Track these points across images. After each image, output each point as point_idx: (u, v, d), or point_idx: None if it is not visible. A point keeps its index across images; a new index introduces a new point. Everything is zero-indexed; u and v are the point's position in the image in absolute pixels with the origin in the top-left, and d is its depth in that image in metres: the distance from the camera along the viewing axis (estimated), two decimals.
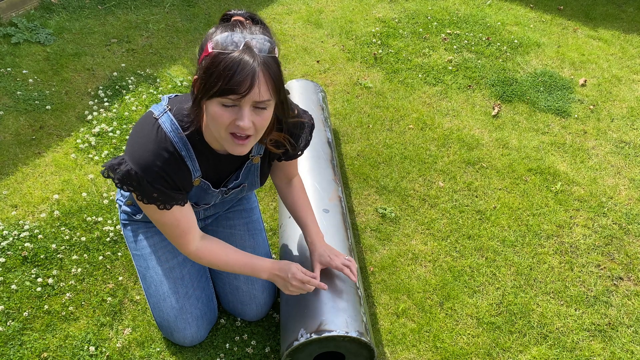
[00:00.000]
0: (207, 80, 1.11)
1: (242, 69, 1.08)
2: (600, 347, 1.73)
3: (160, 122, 1.26)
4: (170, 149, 1.25)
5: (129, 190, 1.27)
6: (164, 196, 1.28)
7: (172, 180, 1.28)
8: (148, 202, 1.28)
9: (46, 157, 2.24)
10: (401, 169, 2.33)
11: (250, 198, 1.79)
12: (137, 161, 1.23)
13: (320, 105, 2.24)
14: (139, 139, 1.26)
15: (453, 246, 2.02)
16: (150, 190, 1.26)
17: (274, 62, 1.13)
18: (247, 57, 1.09)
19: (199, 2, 3.42)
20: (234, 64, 1.08)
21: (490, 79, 2.93)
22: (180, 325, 1.56)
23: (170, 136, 1.25)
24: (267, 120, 1.19)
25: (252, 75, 1.08)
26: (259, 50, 1.11)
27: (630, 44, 3.33)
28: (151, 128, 1.26)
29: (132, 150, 1.25)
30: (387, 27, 3.34)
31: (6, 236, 1.88)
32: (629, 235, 2.11)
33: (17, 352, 1.58)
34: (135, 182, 1.24)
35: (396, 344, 1.69)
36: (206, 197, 1.46)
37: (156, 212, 1.32)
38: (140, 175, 1.23)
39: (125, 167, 1.24)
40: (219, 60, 1.09)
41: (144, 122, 1.28)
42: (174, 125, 1.26)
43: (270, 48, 1.13)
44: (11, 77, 2.63)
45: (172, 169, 1.27)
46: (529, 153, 2.47)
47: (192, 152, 1.29)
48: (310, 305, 1.48)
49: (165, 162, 1.25)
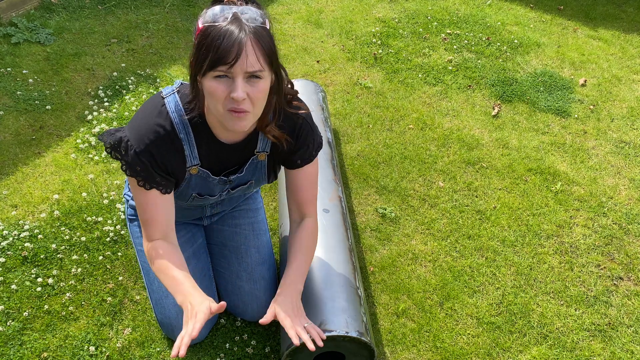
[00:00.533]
0: (198, 55, 1.11)
1: (228, 37, 1.08)
2: (600, 347, 1.73)
3: (166, 102, 1.27)
4: (168, 127, 1.25)
5: (116, 157, 1.27)
6: (147, 173, 1.27)
7: (161, 160, 1.27)
8: (131, 174, 1.27)
9: (46, 157, 2.24)
10: (401, 169, 2.33)
11: (256, 198, 1.79)
12: (132, 131, 1.25)
13: (320, 105, 2.24)
14: (142, 113, 1.28)
15: (453, 246, 2.02)
16: (136, 162, 1.25)
17: (264, 32, 1.13)
18: (234, 26, 1.09)
19: (199, 2, 3.42)
20: (221, 34, 1.08)
21: (490, 79, 2.93)
22: (181, 323, 1.55)
23: (172, 116, 1.26)
24: (263, 92, 1.16)
25: (239, 43, 1.08)
26: (247, 21, 1.11)
27: (630, 44, 3.33)
28: (155, 105, 1.27)
29: (132, 121, 1.28)
30: (387, 27, 3.34)
31: (6, 236, 1.88)
32: (629, 235, 2.11)
33: (17, 352, 1.58)
34: (124, 150, 1.24)
35: (396, 344, 1.69)
36: (208, 187, 1.43)
37: (136, 188, 1.30)
38: (131, 144, 1.23)
39: (120, 134, 1.25)
40: (207, 33, 1.09)
41: (151, 100, 1.30)
42: (178, 106, 1.26)
43: (262, 21, 1.13)
44: (11, 77, 2.63)
45: (165, 147, 1.26)
46: (529, 153, 2.47)
47: (192, 137, 1.29)
48: (310, 305, 1.48)
49: (159, 139, 1.25)
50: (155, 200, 1.32)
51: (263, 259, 1.69)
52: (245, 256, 1.67)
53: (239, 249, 1.68)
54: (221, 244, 1.71)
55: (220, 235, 1.71)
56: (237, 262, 1.67)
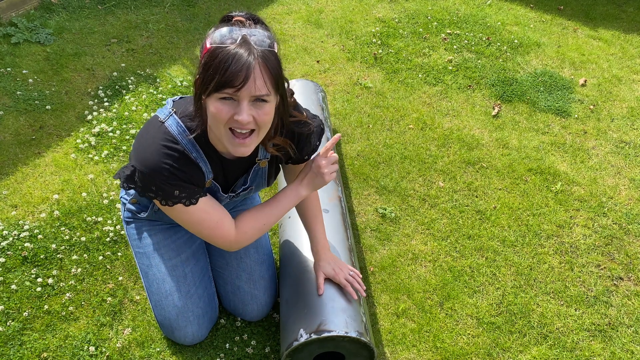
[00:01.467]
0: (205, 75, 1.11)
1: (237, 61, 1.07)
2: (601, 347, 1.73)
3: (167, 125, 1.25)
4: (180, 149, 1.24)
5: (151, 197, 1.26)
6: (186, 191, 1.26)
7: (188, 176, 1.26)
8: (173, 203, 1.26)
9: (46, 157, 2.24)
10: (401, 169, 2.33)
11: (254, 198, 1.79)
12: (146, 164, 1.22)
13: (320, 105, 2.24)
14: (146, 141, 1.25)
15: (453, 246, 2.02)
16: (171, 190, 1.24)
17: (272, 56, 1.12)
18: (242, 50, 1.08)
19: (199, 2, 3.42)
20: (230, 57, 1.08)
21: (490, 79, 2.93)
22: (181, 324, 1.56)
23: (178, 138, 1.24)
24: (268, 115, 1.17)
25: (247, 67, 1.08)
26: (256, 44, 1.10)
27: (630, 44, 3.33)
28: (157, 131, 1.25)
29: (141, 154, 1.24)
30: (387, 27, 3.34)
31: (6, 236, 1.88)
32: (629, 235, 2.11)
33: (17, 352, 1.58)
34: (154, 186, 1.23)
35: (396, 344, 1.69)
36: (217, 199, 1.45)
37: (185, 213, 1.30)
38: (155, 176, 1.22)
39: (140, 175, 1.23)
40: (215, 54, 1.09)
41: (150, 126, 1.27)
42: (181, 127, 1.25)
43: (270, 43, 1.12)
44: (11, 77, 2.63)
45: (184, 165, 1.25)
46: (529, 153, 2.47)
47: (202, 154, 1.28)
48: (310, 305, 1.48)
49: (175, 160, 1.23)
50: (208, 204, 1.32)
51: (262, 259, 1.69)
52: (245, 256, 1.67)
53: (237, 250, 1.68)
54: None
55: None
56: (236, 262, 1.67)
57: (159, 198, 1.26)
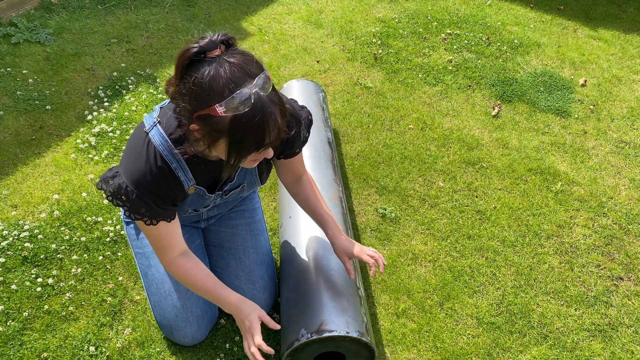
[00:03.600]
0: (236, 143, 1.11)
1: (269, 125, 1.09)
2: (601, 347, 1.73)
3: (150, 136, 1.25)
4: (159, 163, 1.25)
5: (118, 205, 1.27)
6: (151, 212, 1.28)
7: (164, 195, 1.28)
8: (135, 217, 1.28)
9: (46, 157, 2.24)
10: (401, 169, 2.33)
11: (253, 199, 1.79)
12: (128, 175, 1.24)
13: (320, 105, 2.24)
14: (131, 153, 1.27)
15: (453, 246, 2.02)
16: (139, 206, 1.25)
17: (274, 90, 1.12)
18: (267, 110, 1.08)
19: (199, 2, 3.42)
20: (261, 126, 1.08)
21: (490, 79, 2.93)
22: (180, 324, 1.56)
23: (159, 150, 1.24)
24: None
25: (275, 121, 1.10)
26: (266, 92, 1.09)
27: (630, 44, 3.33)
28: (142, 142, 1.26)
29: (125, 163, 1.26)
30: (387, 27, 3.34)
31: (6, 236, 1.88)
32: (629, 235, 2.11)
33: (17, 352, 1.58)
34: (125, 196, 1.24)
35: (396, 344, 1.69)
36: (204, 202, 1.46)
37: (143, 225, 1.32)
38: (131, 189, 1.23)
39: (118, 180, 1.24)
40: (240, 124, 1.08)
41: (136, 136, 1.28)
42: (163, 138, 1.25)
43: (266, 77, 1.11)
44: (11, 77, 2.63)
45: (163, 182, 1.26)
46: (529, 153, 2.47)
47: (183, 162, 1.28)
48: (311, 305, 1.48)
49: (155, 177, 1.24)
50: (166, 229, 1.34)
51: (261, 259, 1.69)
52: (244, 257, 1.67)
53: (236, 250, 1.68)
54: (219, 245, 1.71)
55: (217, 237, 1.72)
56: (235, 263, 1.67)
57: (125, 207, 1.27)
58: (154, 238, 1.35)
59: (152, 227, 1.32)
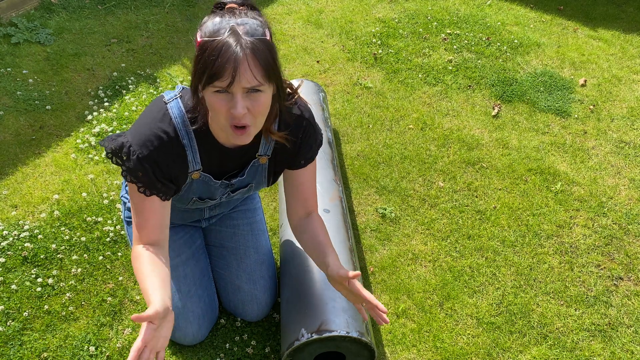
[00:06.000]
0: (196, 69, 1.10)
1: (223, 54, 1.06)
2: (601, 347, 1.73)
3: (169, 107, 1.25)
4: (172, 133, 1.24)
5: (118, 163, 1.25)
6: (148, 179, 1.25)
7: (164, 166, 1.25)
8: (131, 179, 1.25)
9: (46, 157, 2.24)
10: (401, 169, 2.33)
11: (254, 198, 1.79)
12: (135, 136, 1.23)
13: (320, 105, 2.24)
14: (144, 118, 1.26)
15: (453, 246, 2.02)
16: (138, 168, 1.23)
17: (262, 45, 1.10)
18: (230, 41, 1.06)
19: (199, 2, 3.42)
20: (217, 50, 1.06)
21: (490, 79, 2.93)
22: (181, 324, 1.56)
23: (175, 122, 1.24)
24: (264, 105, 1.15)
25: (234, 60, 1.06)
26: (246, 34, 1.08)
27: (630, 44, 3.33)
28: (158, 110, 1.25)
29: (135, 126, 1.25)
30: (387, 27, 3.34)
31: (6, 236, 1.88)
32: (629, 235, 2.11)
33: (17, 352, 1.58)
34: (126, 155, 1.22)
35: (396, 344, 1.69)
36: (209, 191, 1.42)
37: (135, 193, 1.28)
38: (134, 149, 1.21)
39: (122, 139, 1.23)
40: (205, 47, 1.08)
41: (154, 105, 1.28)
42: (181, 112, 1.25)
43: (260, 32, 1.10)
44: (11, 77, 2.63)
45: (167, 153, 1.25)
46: (529, 153, 2.47)
47: (195, 143, 1.27)
48: (311, 305, 1.48)
49: (162, 144, 1.23)
50: (153, 206, 1.29)
51: (262, 259, 1.69)
52: (244, 257, 1.67)
53: (237, 250, 1.68)
54: (220, 245, 1.71)
55: (218, 237, 1.71)
56: (236, 263, 1.67)
57: (123, 166, 1.25)
58: (139, 211, 1.29)
59: (143, 197, 1.26)
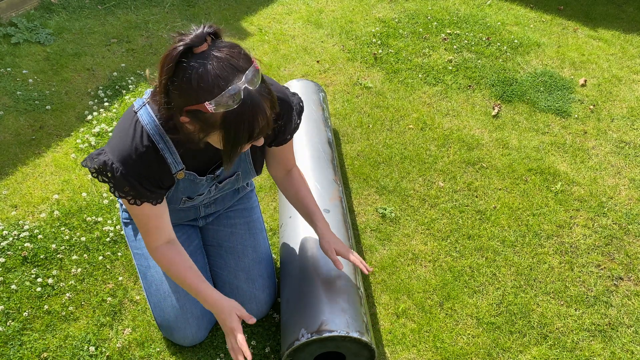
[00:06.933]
0: (229, 137, 1.11)
1: (259, 118, 1.09)
2: (601, 347, 1.73)
3: (139, 115, 1.25)
4: (146, 142, 1.24)
5: (103, 181, 1.26)
6: (135, 191, 1.27)
7: (149, 175, 1.26)
8: (119, 195, 1.28)
9: (46, 157, 2.24)
10: (401, 169, 2.33)
11: (250, 197, 1.79)
12: (114, 153, 1.23)
13: (320, 105, 2.24)
14: (119, 131, 1.26)
15: (453, 246, 2.02)
16: (123, 183, 1.24)
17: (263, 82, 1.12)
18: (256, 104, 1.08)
19: (199, 2, 3.42)
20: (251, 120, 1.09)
21: (490, 79, 2.93)
22: (180, 325, 1.56)
23: (147, 129, 1.24)
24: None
25: (264, 114, 1.10)
26: (254, 86, 1.08)
27: (630, 44, 3.33)
28: (130, 121, 1.25)
29: (112, 142, 1.26)
30: (387, 27, 3.34)
31: (6, 236, 1.88)
32: (629, 235, 2.11)
33: (17, 352, 1.58)
34: (110, 172, 1.23)
35: (396, 344, 1.69)
36: (196, 188, 1.43)
37: (128, 205, 1.31)
38: (116, 166, 1.23)
39: (103, 157, 1.24)
40: (231, 119, 1.08)
41: (125, 116, 1.28)
42: (151, 117, 1.24)
43: (255, 71, 1.09)
44: (11, 77, 2.63)
45: (149, 163, 1.26)
46: (529, 153, 2.47)
47: (171, 144, 1.27)
48: (311, 305, 1.48)
49: (141, 156, 1.24)
50: (151, 211, 1.32)
51: (260, 258, 1.69)
52: (242, 256, 1.67)
53: (235, 249, 1.68)
54: (217, 245, 1.71)
55: (216, 236, 1.71)
56: (234, 262, 1.67)
57: (110, 184, 1.27)
58: (138, 219, 1.34)
59: (137, 207, 1.30)
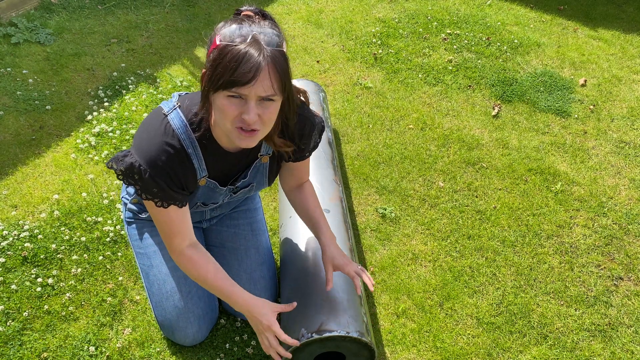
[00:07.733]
0: (213, 73, 1.11)
1: (247, 61, 1.07)
2: (601, 347, 1.73)
3: (169, 119, 1.25)
4: (177, 145, 1.25)
5: (130, 183, 1.26)
6: (163, 193, 1.27)
7: (176, 177, 1.27)
8: (147, 197, 1.28)
9: (46, 157, 2.24)
10: (401, 169, 2.33)
11: (254, 198, 1.79)
12: (142, 154, 1.23)
13: (320, 105, 2.24)
14: (147, 133, 1.26)
15: (453, 246, 2.02)
16: (151, 185, 1.25)
17: (281, 56, 1.12)
18: (253, 49, 1.08)
19: (199, 2, 3.42)
20: (240, 56, 1.07)
21: (490, 79, 2.93)
22: (182, 324, 1.56)
23: (178, 133, 1.25)
24: (274, 113, 1.18)
25: (256, 68, 1.08)
26: (266, 44, 1.10)
27: (630, 44, 3.33)
28: (160, 123, 1.25)
29: (139, 143, 1.25)
30: (387, 27, 3.34)
31: (6, 236, 1.88)
32: (629, 235, 2.11)
33: (17, 352, 1.58)
34: (138, 175, 1.24)
35: (396, 344, 1.69)
36: (214, 196, 1.45)
37: (153, 207, 1.31)
38: (144, 168, 1.23)
39: (130, 159, 1.24)
40: (225, 52, 1.08)
41: (153, 118, 1.28)
42: (182, 122, 1.25)
43: (278, 42, 1.12)
44: (11, 77, 2.63)
45: (177, 165, 1.26)
46: (529, 153, 2.47)
47: (199, 151, 1.28)
48: (311, 305, 1.48)
49: (170, 158, 1.24)
50: (176, 214, 1.33)
51: (262, 260, 1.69)
52: (245, 257, 1.67)
53: (238, 250, 1.68)
54: (220, 245, 1.71)
55: (219, 237, 1.72)
56: (237, 263, 1.67)
57: (137, 186, 1.26)
58: (163, 223, 1.34)
59: (163, 210, 1.30)
